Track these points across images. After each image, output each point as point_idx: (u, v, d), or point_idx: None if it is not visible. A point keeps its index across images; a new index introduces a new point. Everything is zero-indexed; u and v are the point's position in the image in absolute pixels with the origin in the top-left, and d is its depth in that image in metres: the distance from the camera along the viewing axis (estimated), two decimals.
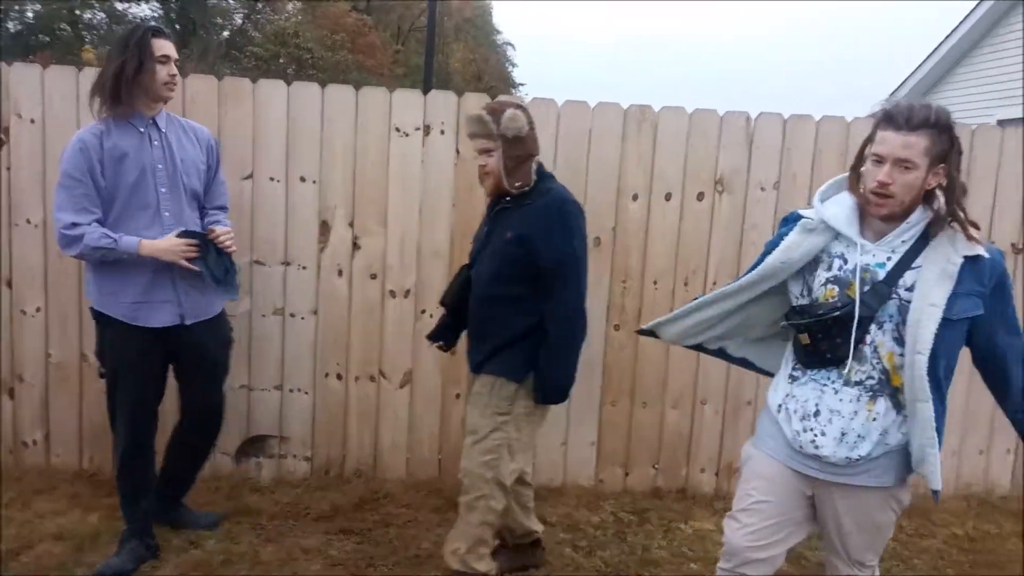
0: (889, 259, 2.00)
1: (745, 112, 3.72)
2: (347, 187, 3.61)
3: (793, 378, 2.14)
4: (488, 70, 36.85)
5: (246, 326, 3.63)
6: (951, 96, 12.31)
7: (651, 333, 2.41)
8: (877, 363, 2.01)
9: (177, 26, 27.97)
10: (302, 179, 3.58)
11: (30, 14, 26.78)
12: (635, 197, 3.71)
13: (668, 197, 3.72)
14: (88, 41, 26.51)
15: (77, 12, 27.29)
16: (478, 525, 2.70)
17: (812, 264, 2.09)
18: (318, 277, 3.66)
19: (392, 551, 3.19)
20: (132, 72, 2.74)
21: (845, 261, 2.04)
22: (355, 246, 3.66)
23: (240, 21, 30.52)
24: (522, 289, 2.65)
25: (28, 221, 3.50)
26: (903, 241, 2.00)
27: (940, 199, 1.98)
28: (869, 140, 2.00)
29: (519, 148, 2.63)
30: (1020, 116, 10.26)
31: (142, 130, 2.84)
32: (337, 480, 3.73)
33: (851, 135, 3.74)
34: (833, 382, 2.06)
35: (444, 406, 3.79)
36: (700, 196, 3.73)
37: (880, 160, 1.95)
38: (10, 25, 26.86)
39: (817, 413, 2.07)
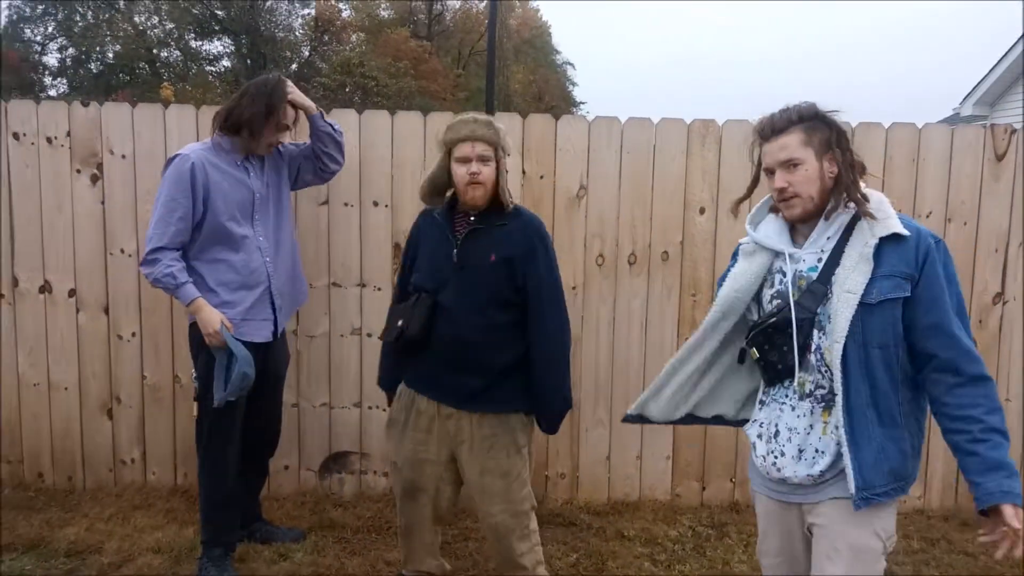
0: (820, 260, 1.95)
1: None
2: (417, 210, 3.71)
3: (761, 403, 2.07)
4: (548, 90, 37.08)
5: (325, 346, 3.76)
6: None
7: (639, 418, 2.23)
8: (824, 370, 1.92)
9: (248, 60, 29.11)
10: (375, 203, 3.71)
11: (110, 54, 28.29)
12: (702, 210, 3.73)
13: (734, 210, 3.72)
14: (166, 78, 27.82)
15: (154, 51, 28.69)
16: (534, 548, 2.73)
17: (761, 287, 2.05)
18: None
19: (473, 564, 3.25)
20: (259, 127, 2.98)
21: (784, 274, 1.99)
22: None
23: (307, 53, 31.57)
24: (513, 314, 2.58)
25: (122, 251, 3.71)
26: (828, 238, 1.95)
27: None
28: (758, 163, 2.03)
29: (505, 165, 2.62)
30: None
31: (241, 163, 3.05)
32: None
33: (923, 140, 3.69)
34: (789, 398, 1.98)
35: None
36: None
37: (770, 172, 1.98)
38: (92, 66, 28.41)
39: (777, 434, 1.99)
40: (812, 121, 1.94)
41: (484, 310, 2.55)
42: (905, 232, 1.87)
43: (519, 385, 2.61)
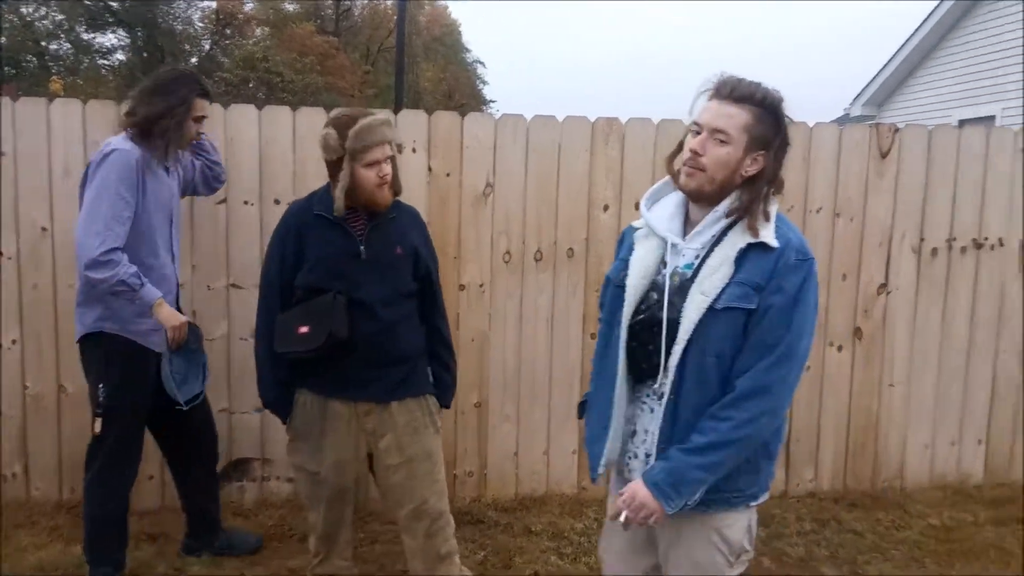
0: (698, 257, 1.83)
1: None
2: None
3: (630, 399, 1.93)
4: (459, 88, 37.06)
5: (224, 349, 3.63)
6: (913, 98, 12.57)
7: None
8: None
9: (144, 54, 27.90)
10: (276, 201, 3.60)
11: None
12: (606, 208, 3.78)
13: (637, 206, 3.79)
14: (55, 72, 26.37)
15: (43, 44, 27.14)
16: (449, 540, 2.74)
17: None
18: None
19: (379, 568, 3.21)
20: (171, 125, 2.83)
21: (666, 265, 1.87)
22: None
23: (208, 47, 30.50)
24: (415, 300, 2.69)
25: (1, 254, 3.49)
26: (712, 235, 1.82)
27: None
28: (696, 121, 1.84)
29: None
30: (981, 116, 10.51)
31: (160, 161, 2.92)
32: None
33: (813, 138, 3.85)
34: (650, 399, 1.88)
35: None
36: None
37: (698, 130, 1.80)
38: None
39: (634, 434, 1.90)
40: (766, 111, 1.78)
41: (400, 301, 2.61)
42: (774, 244, 1.76)
43: (426, 367, 2.73)
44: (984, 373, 4.10)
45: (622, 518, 1.81)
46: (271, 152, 3.59)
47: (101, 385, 2.84)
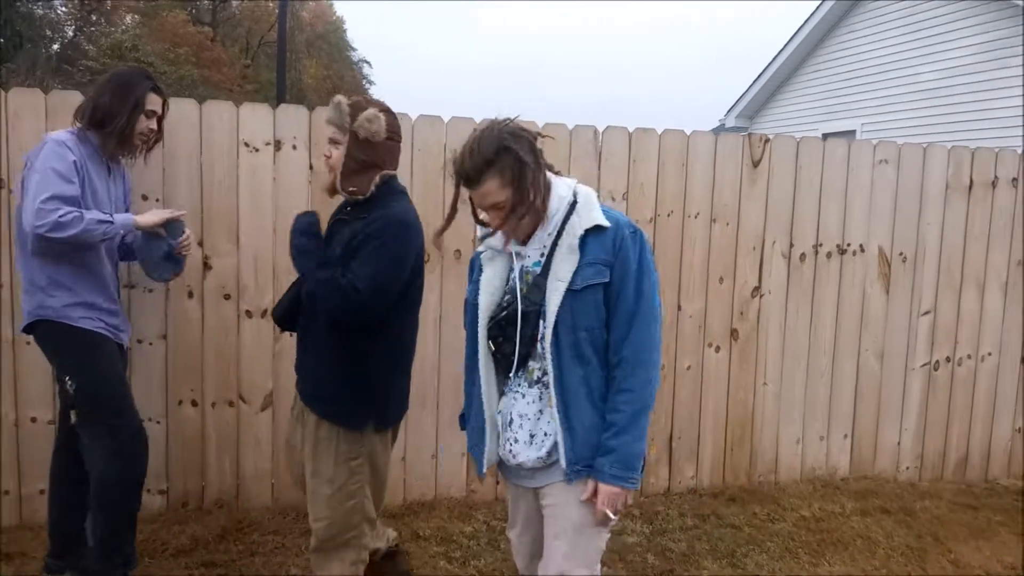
0: (542, 255, 2.06)
1: (593, 126, 3.87)
2: (194, 204, 3.45)
3: (502, 393, 2.13)
4: (344, 87, 36.33)
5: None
6: (781, 112, 13.29)
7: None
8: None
9: (0, 39, 25.87)
10: (144, 197, 3.39)
11: None
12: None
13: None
14: None
15: None
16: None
17: None
18: (167, 299, 3.47)
19: None
20: (122, 122, 2.80)
21: (514, 271, 2.10)
22: (206, 266, 3.50)
23: (72, 34, 28.62)
24: None
25: None
26: (549, 234, 2.05)
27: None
28: (456, 192, 2.08)
29: (366, 152, 2.46)
30: (842, 130, 11.22)
31: (104, 162, 2.87)
32: (196, 512, 3.54)
33: (691, 146, 3.98)
34: (521, 387, 2.08)
35: None
36: None
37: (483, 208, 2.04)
38: None
39: (511, 421, 2.09)
40: (500, 158, 1.96)
41: None
42: (606, 223, 2.01)
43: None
44: (848, 371, 4.36)
45: (613, 520, 2.04)
46: None
47: (70, 380, 2.78)
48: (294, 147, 3.53)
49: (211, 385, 3.56)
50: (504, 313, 2.06)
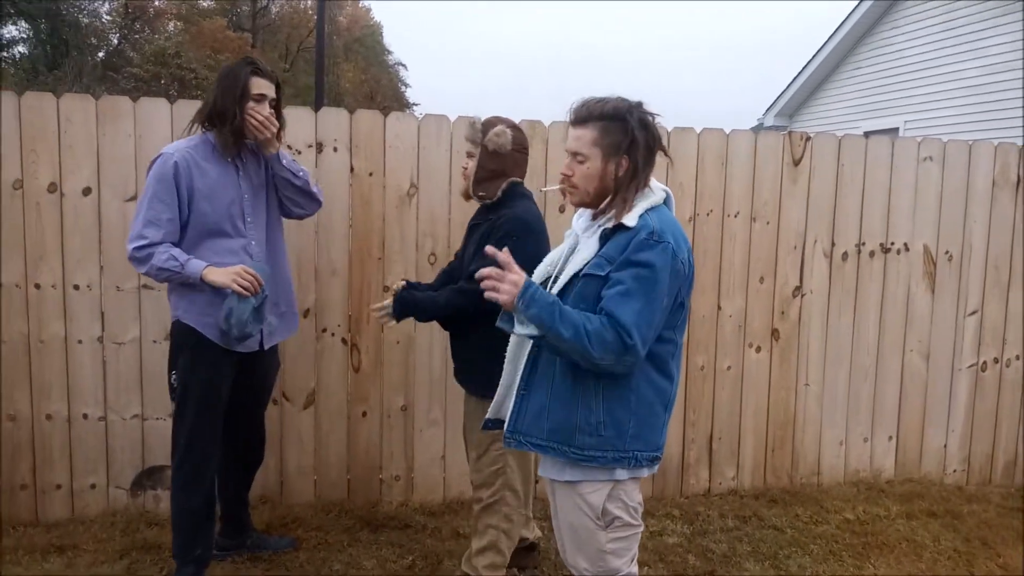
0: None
1: None
2: None
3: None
4: (380, 90, 36.69)
5: (136, 353, 3.47)
6: (821, 110, 13.11)
7: (499, 423, 2.34)
8: None
9: (48, 47, 26.60)
10: None
11: None
12: (561, 210, 3.77)
13: (562, 209, 3.82)
14: None
15: None
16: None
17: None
18: None
19: (303, 575, 3.11)
20: (229, 111, 2.80)
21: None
22: None
23: (116, 41, 29.31)
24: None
25: None
26: (599, 226, 2.11)
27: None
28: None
29: (495, 162, 2.75)
30: (885, 128, 11.02)
31: (230, 160, 2.89)
32: None
33: (730, 145, 3.95)
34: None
35: (351, 425, 3.73)
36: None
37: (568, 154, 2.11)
38: None
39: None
40: (611, 121, 2.02)
41: None
42: (630, 224, 2.00)
43: None
44: (893, 372, 4.29)
45: (496, 297, 1.94)
46: (147, 147, 3.39)
47: (174, 374, 2.89)
48: (335, 149, 3.58)
49: None
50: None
